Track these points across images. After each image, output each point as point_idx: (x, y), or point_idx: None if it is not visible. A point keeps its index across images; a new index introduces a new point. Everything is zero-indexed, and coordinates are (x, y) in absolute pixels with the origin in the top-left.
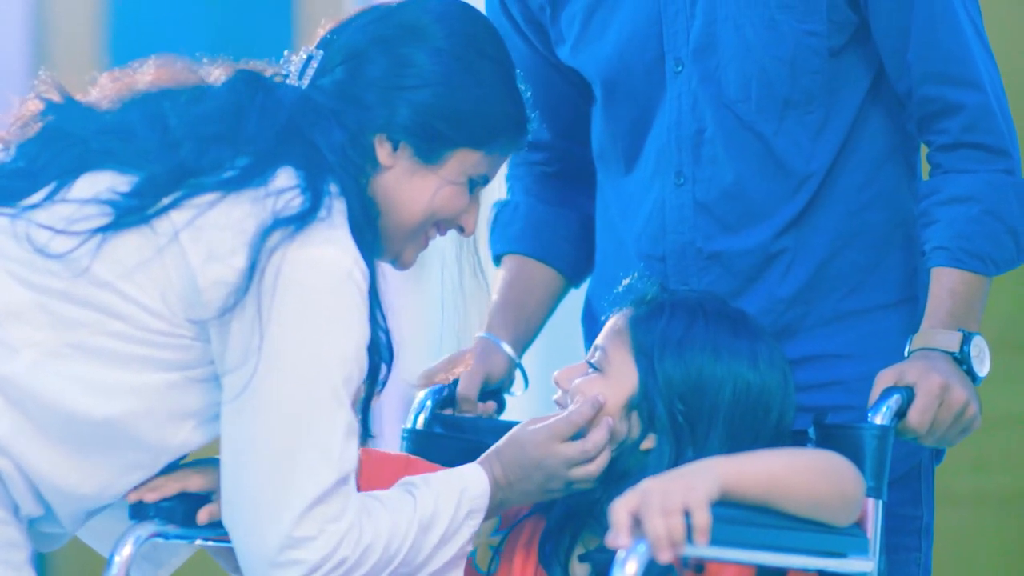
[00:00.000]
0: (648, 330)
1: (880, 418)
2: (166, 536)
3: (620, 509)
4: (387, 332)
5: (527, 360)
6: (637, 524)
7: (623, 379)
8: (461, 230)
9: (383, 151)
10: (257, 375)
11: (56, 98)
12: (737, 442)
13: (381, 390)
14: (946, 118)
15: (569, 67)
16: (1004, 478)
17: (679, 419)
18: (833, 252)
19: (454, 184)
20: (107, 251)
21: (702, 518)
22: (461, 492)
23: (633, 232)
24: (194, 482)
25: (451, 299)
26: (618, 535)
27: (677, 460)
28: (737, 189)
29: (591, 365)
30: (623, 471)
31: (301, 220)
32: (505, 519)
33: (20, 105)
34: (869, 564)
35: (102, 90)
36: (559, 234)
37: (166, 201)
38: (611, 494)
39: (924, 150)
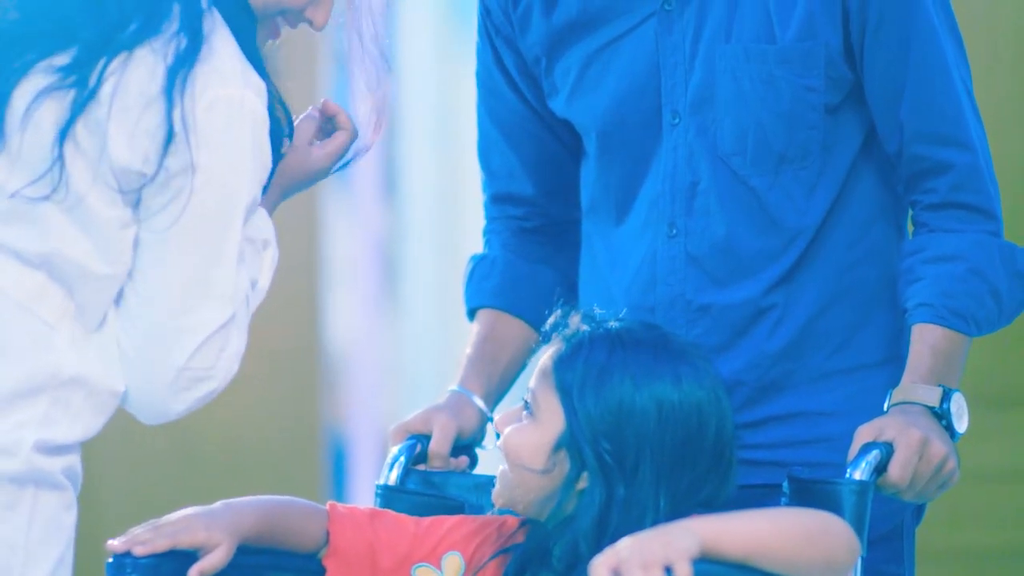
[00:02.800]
0: (569, 368)
1: (860, 473)
2: None
3: (599, 567)
4: (284, 107)
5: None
6: None
7: (551, 421)
8: (311, 24)
9: None
10: (172, 208)
11: None
12: (674, 467)
13: (280, 159)
14: (935, 177)
15: (560, 123)
16: (979, 534)
17: (606, 458)
18: (822, 309)
19: None
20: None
21: (684, 570)
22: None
23: (622, 283)
24: (184, 539)
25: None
26: None
27: (609, 499)
28: (728, 243)
29: (526, 408)
30: (565, 513)
31: (186, 62)
32: (470, 566)
33: None
34: None
35: None
36: (536, 290)
37: (98, 69)
38: (558, 536)
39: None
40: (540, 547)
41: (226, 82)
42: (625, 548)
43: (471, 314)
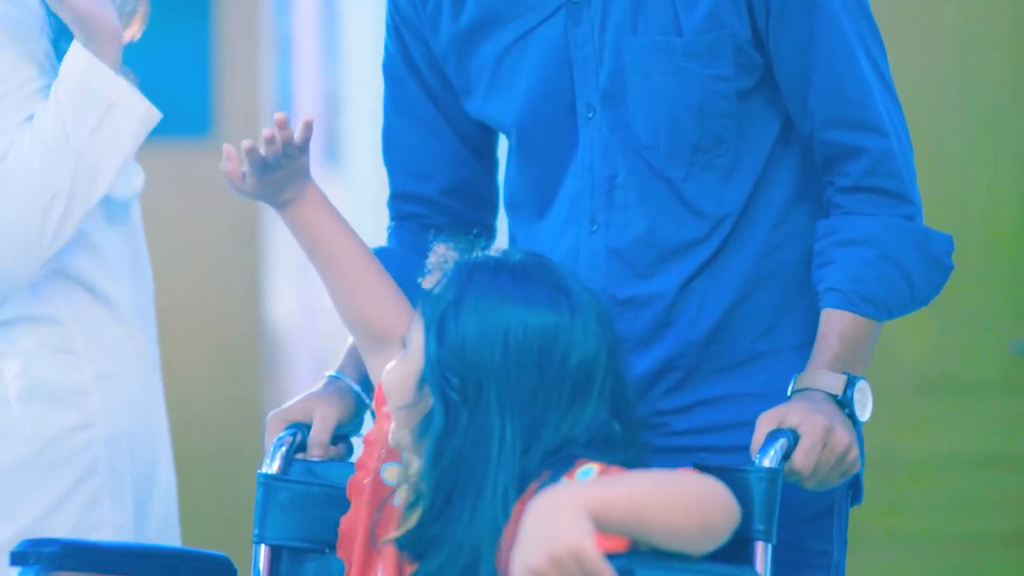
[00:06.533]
0: (429, 299)
1: (768, 461)
2: None
3: None
4: None
5: None
6: None
7: (417, 354)
8: None
9: None
10: None
11: None
12: (520, 395)
13: None
14: (847, 161)
15: (469, 122)
16: (920, 521)
17: (451, 394)
18: (745, 294)
19: None
20: None
21: (592, 557)
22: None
23: None
24: None
25: None
26: None
27: (450, 428)
28: (649, 235)
29: (404, 347)
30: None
31: None
32: None
33: None
34: None
35: None
36: None
37: None
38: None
39: None
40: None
41: None
42: (529, 556)
43: None
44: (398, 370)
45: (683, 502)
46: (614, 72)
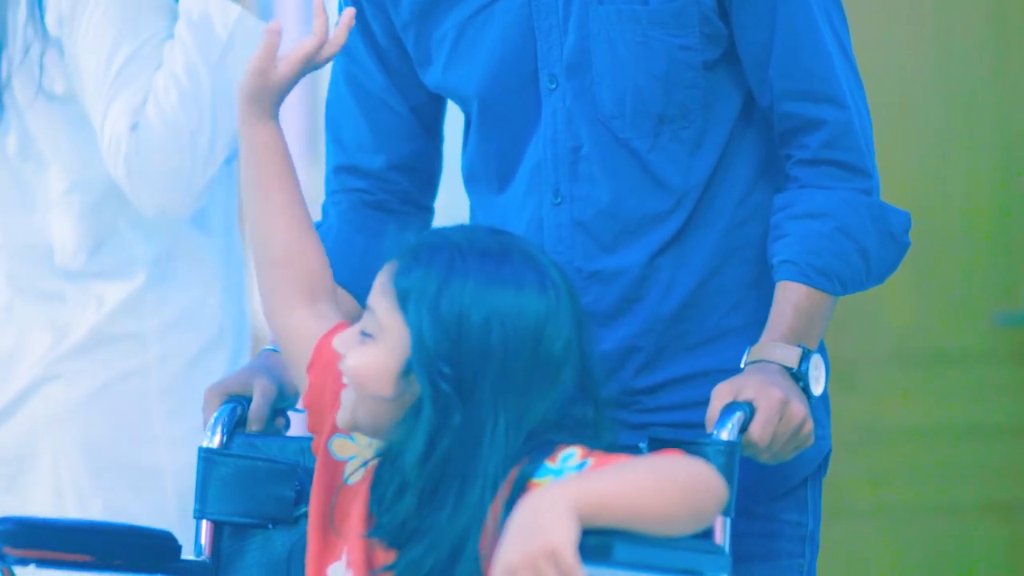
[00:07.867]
0: (408, 282)
1: (726, 433)
2: (5, 560)
3: None
4: None
5: None
6: None
7: (397, 342)
8: None
9: None
10: None
11: None
12: (512, 383)
13: None
14: (806, 133)
15: (423, 97)
16: (901, 492)
17: (442, 386)
18: (714, 269)
19: None
20: None
21: (568, 562)
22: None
23: None
24: None
25: None
26: None
27: (442, 426)
28: (614, 207)
29: (363, 332)
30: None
31: None
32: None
33: None
34: None
35: None
36: (366, 263)
37: None
38: (390, 465)
39: None
40: (397, 463)
41: None
42: (509, 552)
43: None
44: (372, 357)
45: (675, 490)
46: (578, 42)
